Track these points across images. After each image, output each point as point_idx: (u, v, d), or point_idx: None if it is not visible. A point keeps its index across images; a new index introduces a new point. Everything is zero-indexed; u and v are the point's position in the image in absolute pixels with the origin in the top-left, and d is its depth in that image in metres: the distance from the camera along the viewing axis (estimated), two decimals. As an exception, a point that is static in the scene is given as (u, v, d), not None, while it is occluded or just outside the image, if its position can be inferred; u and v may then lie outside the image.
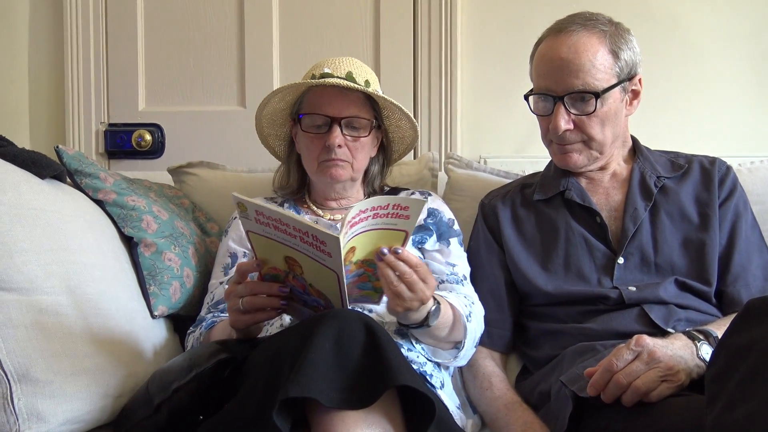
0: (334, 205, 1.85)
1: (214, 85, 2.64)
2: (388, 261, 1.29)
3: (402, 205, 1.23)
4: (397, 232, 1.27)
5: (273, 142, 1.93)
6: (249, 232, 1.25)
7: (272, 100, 1.78)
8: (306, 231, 1.18)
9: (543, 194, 1.77)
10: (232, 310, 1.34)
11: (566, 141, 1.66)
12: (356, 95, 1.74)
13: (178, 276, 1.80)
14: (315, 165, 1.75)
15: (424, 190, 1.93)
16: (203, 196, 2.18)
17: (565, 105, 1.61)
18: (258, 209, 1.21)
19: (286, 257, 1.26)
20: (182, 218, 1.95)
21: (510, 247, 1.74)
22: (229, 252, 1.78)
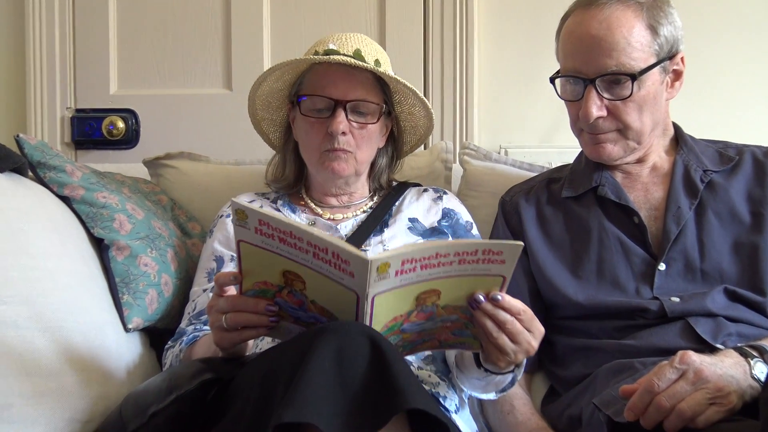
0: (335, 203, 1.85)
1: (197, 66, 2.65)
2: (485, 310, 1.28)
3: (494, 251, 1.23)
4: (493, 278, 1.27)
5: (267, 127, 1.94)
6: (241, 241, 1.26)
7: (269, 79, 1.78)
8: (325, 247, 1.18)
9: (572, 190, 1.77)
10: (215, 327, 1.34)
11: (599, 129, 1.66)
12: (364, 76, 1.74)
13: (155, 283, 1.80)
14: (316, 155, 1.76)
15: (438, 187, 1.94)
16: (184, 191, 2.17)
17: (597, 89, 1.61)
18: (263, 219, 1.20)
19: (285, 272, 1.26)
20: (160, 217, 1.96)
21: (535, 250, 1.74)
22: (214, 255, 1.78)
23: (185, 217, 2.10)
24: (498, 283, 1.27)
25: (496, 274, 1.26)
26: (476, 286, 1.27)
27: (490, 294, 1.28)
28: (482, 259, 1.23)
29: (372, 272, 1.17)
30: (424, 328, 1.32)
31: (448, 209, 1.85)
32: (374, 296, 1.20)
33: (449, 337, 1.35)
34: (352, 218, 1.81)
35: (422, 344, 1.37)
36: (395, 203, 1.85)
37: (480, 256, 1.23)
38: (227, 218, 1.82)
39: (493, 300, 1.28)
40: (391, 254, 1.18)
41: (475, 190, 2.11)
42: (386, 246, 1.73)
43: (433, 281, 1.24)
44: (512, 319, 1.29)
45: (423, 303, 1.27)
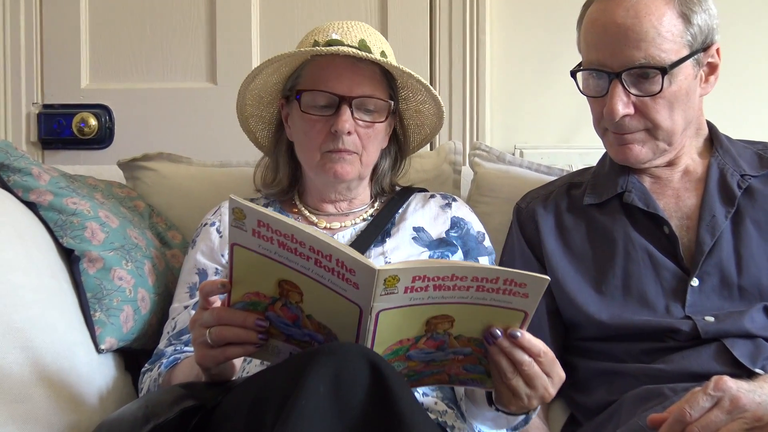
0: (332, 210, 1.85)
1: (178, 57, 2.64)
2: (502, 346, 1.27)
3: (517, 282, 1.22)
4: (514, 311, 1.26)
5: (255, 125, 1.93)
6: (235, 245, 1.25)
7: (264, 72, 1.77)
8: (328, 254, 1.17)
9: (596, 197, 1.76)
10: (198, 342, 1.33)
11: (625, 129, 1.65)
12: (371, 69, 1.74)
13: (130, 299, 1.79)
14: (316, 156, 1.75)
15: (446, 194, 1.93)
16: (163, 197, 2.17)
17: (623, 83, 1.60)
18: (262, 219, 1.20)
19: (281, 281, 1.25)
20: (136, 225, 1.95)
21: (554, 264, 1.73)
22: (196, 268, 1.77)
23: (165, 226, 2.09)
24: (518, 318, 1.26)
25: (517, 308, 1.25)
26: (494, 318, 1.26)
27: (509, 330, 1.26)
28: (503, 289, 1.22)
29: (378, 284, 1.16)
30: (433, 358, 1.31)
31: (458, 218, 1.84)
32: (379, 312, 1.19)
33: (460, 372, 1.34)
34: (351, 227, 1.81)
35: (430, 376, 1.36)
36: (398, 210, 1.85)
37: (501, 285, 1.22)
38: (212, 227, 1.82)
39: (511, 337, 1.26)
40: (401, 267, 1.17)
41: (486, 195, 2.10)
42: (388, 258, 1.72)
43: (446, 305, 1.23)
44: (530, 361, 1.28)
45: (434, 329, 1.26)
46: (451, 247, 1.78)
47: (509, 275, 1.21)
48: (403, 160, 1.93)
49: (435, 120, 1.88)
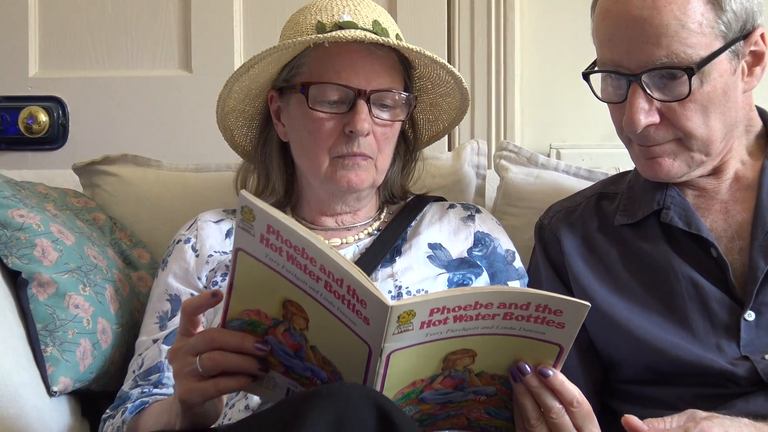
0: (331, 224, 1.85)
1: (145, 40, 2.65)
2: (529, 385, 1.27)
3: (551, 308, 1.22)
4: (547, 345, 1.26)
5: (234, 121, 1.93)
6: (240, 251, 1.26)
7: (264, 62, 1.75)
8: (340, 278, 1.18)
9: (629, 216, 1.76)
10: (183, 374, 1.32)
11: (651, 140, 1.63)
12: (389, 57, 1.75)
13: (88, 331, 1.79)
14: (323, 161, 1.75)
15: (468, 203, 1.93)
16: (128, 207, 2.17)
17: (643, 87, 1.58)
18: (272, 224, 1.21)
19: (287, 301, 1.26)
20: (96, 243, 1.95)
21: (584, 286, 1.74)
22: (167, 294, 1.78)
23: (130, 242, 2.09)
24: (552, 353, 1.26)
25: (551, 341, 1.25)
26: (523, 351, 1.26)
27: (539, 366, 1.26)
28: (535, 316, 1.22)
29: (391, 322, 1.17)
30: (450, 399, 1.31)
31: (483, 233, 1.84)
32: (391, 353, 1.20)
33: (482, 416, 1.34)
34: (354, 244, 1.82)
35: (446, 420, 1.36)
36: (411, 223, 1.85)
37: (532, 312, 1.22)
38: (186, 244, 1.82)
39: (541, 375, 1.26)
40: (416, 300, 1.17)
41: (515, 205, 2.10)
42: (398, 281, 1.73)
43: (467, 338, 1.23)
44: (560, 409, 1.27)
45: (452, 366, 1.26)
46: (475, 268, 1.78)
47: (542, 300, 1.21)
48: (413, 160, 1.94)
49: (454, 114, 1.90)
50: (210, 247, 1.81)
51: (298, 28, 1.75)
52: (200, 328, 1.33)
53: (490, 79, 2.52)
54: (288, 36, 1.76)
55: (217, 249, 1.81)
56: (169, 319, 1.75)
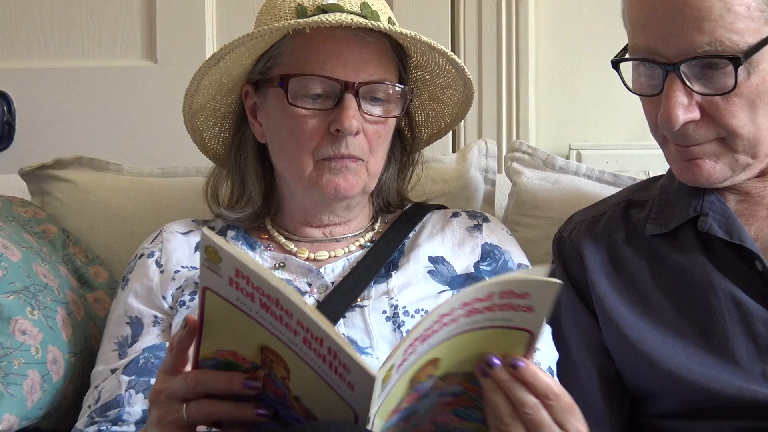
0: (317, 235, 1.86)
1: (102, 26, 2.67)
2: (499, 379, 1.27)
3: (516, 291, 1.23)
4: (515, 331, 1.27)
5: (204, 121, 1.93)
6: (208, 289, 1.27)
7: (236, 51, 1.75)
8: (319, 338, 1.18)
9: (661, 225, 1.76)
10: (167, 423, 1.32)
11: (690, 139, 1.63)
12: (380, 44, 1.75)
13: (37, 361, 1.79)
14: (307, 165, 1.75)
15: (475, 211, 1.94)
16: (83, 218, 2.18)
17: (682, 78, 1.59)
18: (241, 270, 1.21)
19: (264, 347, 1.26)
20: (46, 259, 1.95)
21: (609, 310, 1.75)
22: (127, 316, 1.78)
23: (85, 258, 2.10)
24: (521, 341, 1.27)
25: (519, 327, 1.26)
26: (490, 343, 1.27)
27: (509, 357, 1.27)
28: (500, 304, 1.23)
29: (377, 388, 1.18)
30: (415, 410, 1.32)
31: (492, 245, 1.84)
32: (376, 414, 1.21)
33: (450, 419, 1.34)
34: (344, 257, 1.82)
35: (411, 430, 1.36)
36: (409, 234, 1.86)
37: (496, 300, 1.23)
38: (150, 258, 1.83)
39: (511, 366, 1.27)
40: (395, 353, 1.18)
41: (529, 215, 2.11)
42: (394, 299, 1.73)
43: (432, 351, 1.24)
44: (536, 403, 1.28)
45: (417, 381, 1.27)
46: (484, 283, 1.78)
47: (505, 285, 1.22)
48: (411, 162, 1.94)
49: (457, 109, 1.90)
50: (177, 261, 1.81)
51: (276, 13, 1.75)
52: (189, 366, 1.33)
53: (500, 68, 2.54)
54: (264, 22, 1.76)
55: (185, 264, 1.80)
56: (129, 346, 1.74)
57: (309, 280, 1.77)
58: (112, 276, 2.09)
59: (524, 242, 1.94)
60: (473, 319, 1.24)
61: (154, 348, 1.69)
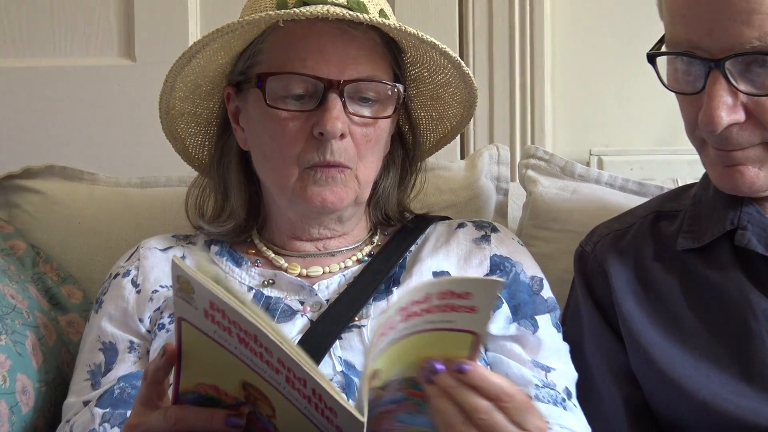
0: (310, 249, 1.86)
1: (75, 21, 2.68)
2: (445, 385, 1.27)
3: (456, 292, 1.23)
4: (458, 333, 1.26)
5: (185, 128, 1.93)
6: (183, 320, 1.27)
7: (208, 49, 1.76)
8: (302, 378, 1.19)
9: (694, 238, 1.76)
10: None
11: (732, 143, 1.63)
12: (369, 38, 1.75)
13: (5, 391, 1.78)
14: (291, 174, 1.75)
15: (483, 221, 1.94)
16: (55, 233, 2.18)
17: (727, 76, 1.59)
18: (216, 303, 1.21)
19: (247, 384, 1.26)
20: (14, 278, 1.95)
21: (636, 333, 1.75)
22: (100, 342, 1.78)
23: (57, 278, 2.10)
24: (465, 343, 1.27)
25: (462, 329, 1.26)
26: (431, 346, 1.27)
27: (453, 361, 1.27)
28: (439, 305, 1.23)
29: None
30: None
31: (501, 256, 1.84)
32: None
33: (392, 426, 1.34)
34: (339, 273, 1.82)
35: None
36: (410, 247, 1.86)
37: (435, 302, 1.23)
38: (125, 278, 1.83)
39: (457, 371, 1.26)
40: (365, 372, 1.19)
41: (546, 228, 2.12)
42: (396, 318, 1.73)
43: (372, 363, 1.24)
44: (489, 407, 1.27)
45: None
46: (493, 304, 1.78)
47: (442, 286, 1.22)
48: (413, 170, 1.94)
49: (462, 109, 1.90)
50: (155, 280, 1.81)
51: (257, 6, 1.76)
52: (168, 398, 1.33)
53: (513, 66, 2.55)
54: (245, 15, 1.77)
55: (164, 283, 1.80)
56: (103, 375, 1.74)
57: (301, 297, 1.77)
58: (86, 297, 2.09)
59: (540, 258, 1.94)
60: (411, 323, 1.24)
61: (130, 377, 1.69)
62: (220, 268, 1.81)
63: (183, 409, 1.30)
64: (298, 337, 1.68)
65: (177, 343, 1.28)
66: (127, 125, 2.62)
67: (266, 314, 1.22)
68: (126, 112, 2.63)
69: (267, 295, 1.77)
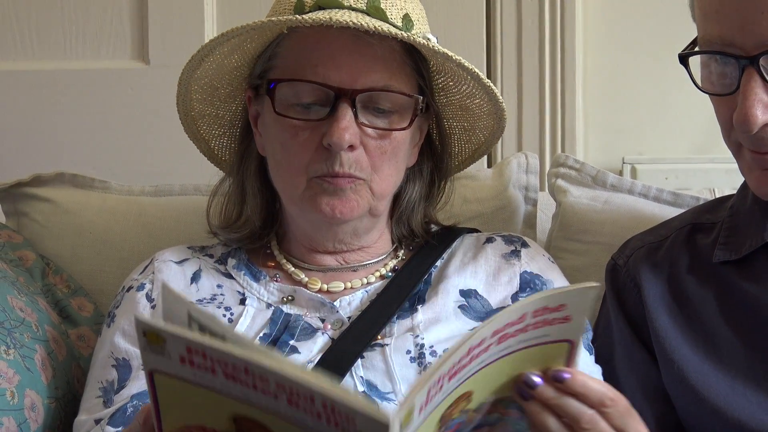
0: (331, 263, 1.86)
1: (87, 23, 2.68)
2: (544, 397, 1.27)
3: (551, 307, 1.23)
4: (553, 345, 1.28)
5: (208, 130, 1.94)
6: (156, 372, 1.26)
7: (217, 51, 1.77)
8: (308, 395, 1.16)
9: (731, 250, 1.75)
10: None
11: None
12: (387, 46, 1.74)
13: (13, 407, 1.78)
14: (299, 183, 1.75)
15: (512, 235, 1.93)
16: (65, 243, 2.19)
17: (762, 73, 1.57)
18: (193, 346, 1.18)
19: (238, 417, 1.25)
20: (23, 290, 1.95)
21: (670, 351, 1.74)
22: (113, 357, 1.78)
23: (67, 290, 2.10)
24: (561, 352, 1.28)
25: (557, 340, 1.26)
26: (526, 363, 1.27)
27: (550, 371, 1.28)
28: (533, 323, 1.23)
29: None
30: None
31: (531, 273, 1.84)
32: None
33: None
34: (361, 289, 1.82)
35: None
36: (436, 263, 1.86)
37: (530, 320, 1.23)
38: (139, 291, 1.83)
39: (555, 381, 1.27)
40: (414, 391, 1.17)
41: (577, 239, 2.12)
42: (420, 336, 1.73)
43: (462, 385, 1.23)
44: (593, 414, 1.28)
45: (449, 418, 1.26)
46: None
47: (538, 303, 1.22)
48: (443, 183, 1.94)
49: (491, 121, 1.89)
50: None
51: (277, 8, 1.77)
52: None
53: (543, 72, 2.55)
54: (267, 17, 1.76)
55: None
56: (115, 392, 1.74)
57: (322, 314, 1.77)
58: (97, 309, 2.10)
59: (570, 271, 1.94)
60: (506, 345, 1.24)
61: (144, 395, 1.68)
62: (238, 283, 1.82)
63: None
64: (319, 356, 1.68)
65: (152, 397, 1.27)
66: (140, 131, 2.63)
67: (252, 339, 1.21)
68: (139, 118, 2.63)
69: (286, 312, 1.77)
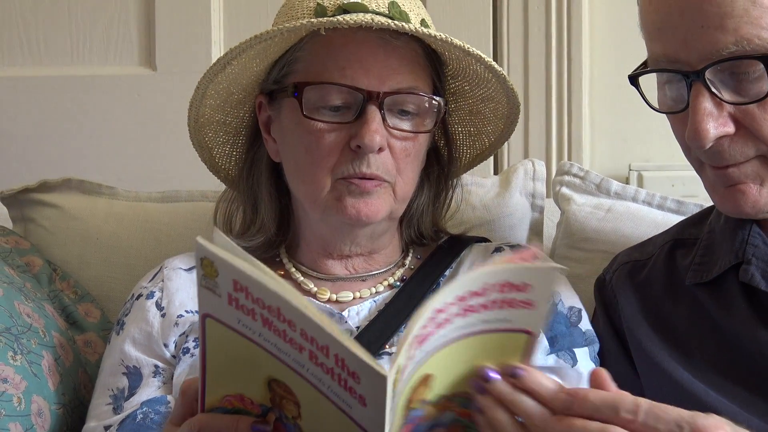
0: (340, 271, 1.87)
1: (94, 29, 2.69)
2: (499, 392, 1.25)
3: (514, 283, 1.22)
4: (513, 334, 1.26)
5: (213, 137, 1.94)
6: (208, 316, 1.27)
7: (245, 56, 1.76)
8: (325, 345, 1.18)
9: (703, 272, 1.76)
10: None
11: (726, 159, 1.60)
12: (410, 49, 1.76)
13: (20, 413, 1.79)
14: (324, 185, 1.75)
15: (519, 245, 1.94)
16: (73, 249, 2.20)
17: (708, 86, 1.57)
18: (239, 280, 1.21)
19: (272, 381, 1.27)
20: (30, 296, 1.96)
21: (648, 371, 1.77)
22: (124, 365, 1.79)
23: (74, 296, 2.11)
24: (518, 345, 1.27)
25: (516, 329, 1.25)
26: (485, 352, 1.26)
27: (506, 367, 1.26)
28: (497, 300, 1.22)
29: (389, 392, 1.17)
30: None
31: (539, 284, 1.85)
32: None
33: None
34: (370, 298, 1.83)
35: None
36: (445, 272, 1.87)
37: (493, 296, 1.22)
38: (149, 300, 1.84)
39: (510, 375, 1.25)
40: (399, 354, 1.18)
41: (579, 248, 2.12)
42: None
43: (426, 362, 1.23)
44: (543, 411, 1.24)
45: (411, 407, 1.25)
46: (529, 332, 1.79)
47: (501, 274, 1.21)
48: (449, 187, 1.95)
49: (501, 125, 1.90)
50: (180, 304, 1.82)
51: (293, 13, 1.76)
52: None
53: (550, 78, 2.55)
54: (280, 23, 1.76)
55: (190, 308, 1.81)
56: (126, 399, 1.75)
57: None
58: (104, 315, 2.10)
59: (573, 279, 1.94)
60: (468, 320, 1.23)
61: (154, 402, 1.70)
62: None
63: (208, 416, 1.31)
64: None
65: (201, 351, 1.29)
66: (147, 137, 2.64)
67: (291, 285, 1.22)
68: (146, 123, 2.64)
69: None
